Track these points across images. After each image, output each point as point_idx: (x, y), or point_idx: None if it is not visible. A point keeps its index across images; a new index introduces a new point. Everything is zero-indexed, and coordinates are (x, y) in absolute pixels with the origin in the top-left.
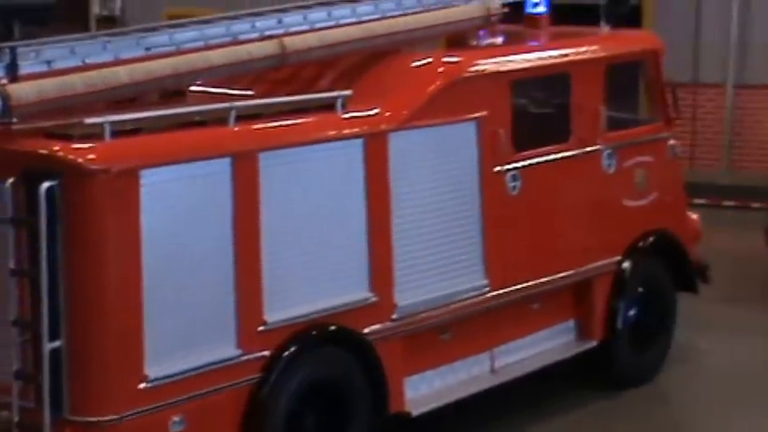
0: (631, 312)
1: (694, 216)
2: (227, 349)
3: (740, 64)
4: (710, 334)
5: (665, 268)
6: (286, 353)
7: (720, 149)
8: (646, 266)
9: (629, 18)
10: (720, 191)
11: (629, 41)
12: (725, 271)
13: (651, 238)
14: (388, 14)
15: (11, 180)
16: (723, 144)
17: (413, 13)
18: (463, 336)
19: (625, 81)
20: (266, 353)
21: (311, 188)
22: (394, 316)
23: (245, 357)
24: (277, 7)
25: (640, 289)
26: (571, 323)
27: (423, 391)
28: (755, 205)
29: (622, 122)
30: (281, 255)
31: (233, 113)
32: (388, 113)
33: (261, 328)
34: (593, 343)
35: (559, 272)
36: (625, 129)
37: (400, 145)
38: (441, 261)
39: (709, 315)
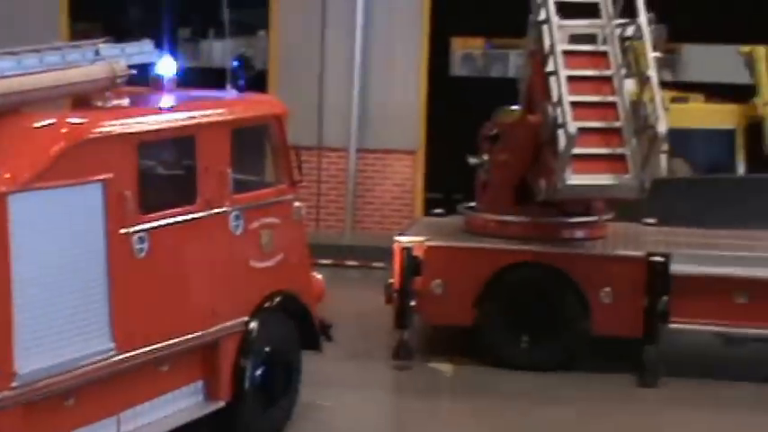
0: (258, 372)
1: (319, 276)
2: None
3: (361, 129)
4: (334, 391)
5: (291, 328)
6: None
7: (343, 211)
8: (272, 326)
9: (255, 83)
10: (344, 251)
11: (253, 105)
12: (348, 328)
13: (277, 299)
14: (7, 73)
15: None
16: (346, 206)
17: (33, 73)
18: (89, 401)
19: (251, 144)
20: None
21: None
22: (13, 384)
23: None
24: None
25: (267, 349)
26: (200, 384)
27: None
28: (377, 264)
29: (249, 185)
30: None
31: None
32: (8, 175)
33: None
34: (221, 403)
35: (187, 333)
36: (251, 191)
37: (22, 207)
38: (65, 325)
39: (333, 372)
